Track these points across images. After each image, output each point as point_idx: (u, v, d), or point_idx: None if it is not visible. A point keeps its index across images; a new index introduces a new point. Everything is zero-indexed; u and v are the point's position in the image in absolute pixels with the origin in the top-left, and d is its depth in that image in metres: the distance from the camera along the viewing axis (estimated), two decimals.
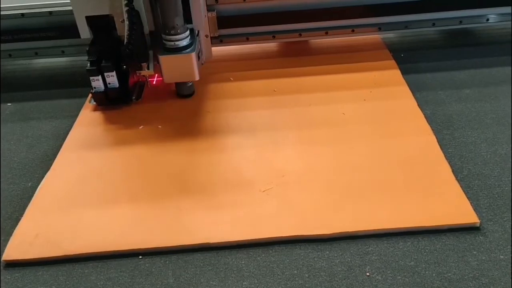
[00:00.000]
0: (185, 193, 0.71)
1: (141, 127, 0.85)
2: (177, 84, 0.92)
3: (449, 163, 0.72)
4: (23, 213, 0.69)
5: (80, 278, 0.61)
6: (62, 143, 0.83)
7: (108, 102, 0.89)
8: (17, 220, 0.68)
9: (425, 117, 0.82)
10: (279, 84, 0.94)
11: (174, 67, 0.85)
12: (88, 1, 0.82)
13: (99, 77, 0.85)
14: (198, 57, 0.87)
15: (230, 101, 0.91)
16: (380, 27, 1.01)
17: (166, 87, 0.94)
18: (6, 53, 1.01)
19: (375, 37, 1.08)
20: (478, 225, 0.63)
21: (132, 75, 0.90)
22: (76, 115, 0.90)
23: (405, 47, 1.07)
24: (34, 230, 0.66)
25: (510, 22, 1.01)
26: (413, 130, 0.79)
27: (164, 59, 0.83)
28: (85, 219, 0.67)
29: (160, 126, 0.85)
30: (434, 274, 0.58)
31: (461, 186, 0.68)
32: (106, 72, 0.84)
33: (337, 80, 0.94)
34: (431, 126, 0.79)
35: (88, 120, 0.89)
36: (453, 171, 0.70)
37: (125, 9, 0.79)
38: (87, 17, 0.84)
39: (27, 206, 0.70)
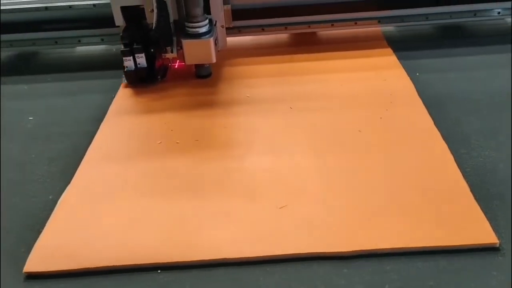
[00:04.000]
0: (204, 208, 0.71)
1: (159, 142, 0.87)
2: (196, 66, 1.06)
3: (467, 182, 0.72)
4: (44, 226, 0.70)
5: None
6: (82, 157, 0.84)
7: (137, 80, 1.03)
8: (38, 233, 0.69)
9: (442, 136, 0.82)
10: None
11: (194, 51, 1.00)
12: None
13: (131, 57, 1.00)
14: (215, 43, 1.02)
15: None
16: (379, 20, 1.15)
17: (186, 69, 1.08)
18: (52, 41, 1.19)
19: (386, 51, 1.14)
20: (497, 245, 0.62)
21: (158, 57, 1.04)
22: (96, 129, 0.92)
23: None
24: (55, 242, 0.67)
25: None
26: (429, 148, 0.79)
27: (186, 43, 0.99)
28: (105, 232, 0.68)
29: (178, 142, 0.86)
30: None
31: (480, 206, 0.68)
32: (137, 53, 0.99)
33: (353, 98, 0.95)
34: (447, 145, 0.79)
35: (110, 130, 0.92)
36: (471, 190, 0.70)
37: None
38: (121, 7, 0.98)
39: (48, 219, 0.71)
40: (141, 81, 1.04)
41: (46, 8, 1.13)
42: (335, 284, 0.60)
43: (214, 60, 1.02)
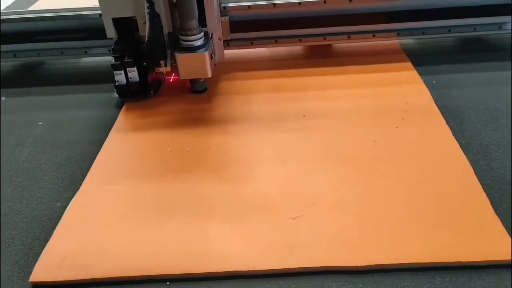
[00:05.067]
0: (215, 219, 0.69)
1: (169, 149, 0.85)
2: (191, 80, 1.01)
3: (487, 195, 0.69)
4: (51, 234, 0.69)
5: None
6: (91, 164, 0.83)
7: (129, 95, 0.98)
8: (45, 241, 0.68)
9: (460, 146, 0.79)
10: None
11: (189, 65, 0.95)
12: (114, 4, 0.92)
13: (122, 71, 0.95)
14: (211, 57, 0.97)
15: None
16: (399, 33, 1.09)
17: (182, 84, 1.03)
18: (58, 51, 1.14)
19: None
20: None
21: (151, 71, 0.99)
22: (104, 138, 0.90)
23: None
24: (62, 251, 0.66)
25: None
26: (448, 159, 0.77)
27: (180, 57, 0.93)
28: (114, 242, 0.67)
29: (189, 149, 0.85)
30: None
31: (501, 221, 0.65)
32: (128, 67, 0.95)
33: (367, 104, 0.93)
34: (466, 156, 0.77)
35: (117, 142, 0.89)
36: (491, 203, 0.68)
37: (147, 11, 0.87)
38: (113, 19, 0.94)
39: (55, 226, 0.70)
40: (133, 95, 0.99)
41: (52, 18, 1.10)
42: None
43: (209, 75, 0.96)
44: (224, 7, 1.04)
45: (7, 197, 0.78)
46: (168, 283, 0.61)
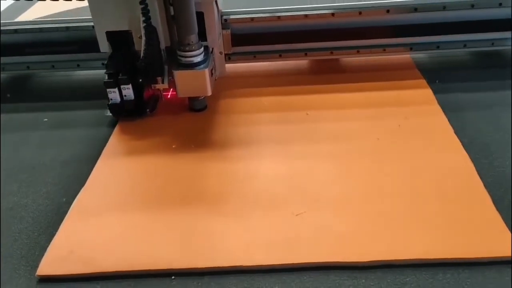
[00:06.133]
0: (218, 215, 0.70)
1: (174, 146, 0.86)
2: (190, 98, 0.95)
3: (489, 193, 0.70)
4: (57, 228, 0.70)
5: None
6: (96, 160, 0.84)
7: (123, 113, 0.92)
8: (51, 235, 0.69)
9: (463, 144, 0.80)
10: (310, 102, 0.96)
11: (188, 82, 0.88)
12: (108, 17, 0.86)
13: (116, 89, 0.89)
14: (212, 73, 0.91)
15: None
16: (411, 47, 1.03)
17: (180, 101, 0.97)
18: (48, 64, 1.08)
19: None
20: None
21: (147, 88, 0.93)
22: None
23: (436, 68, 1.07)
24: (68, 245, 0.66)
25: None
26: (450, 157, 0.78)
27: (178, 74, 0.87)
28: (119, 236, 0.67)
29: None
30: None
31: (502, 217, 0.66)
32: (123, 84, 0.88)
33: (370, 103, 0.94)
34: (468, 154, 0.78)
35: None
36: (493, 201, 0.68)
37: (142, 25, 0.82)
38: (107, 33, 0.88)
39: (61, 221, 0.71)
40: (128, 114, 0.92)
41: (40, 29, 1.03)
42: None
43: (209, 93, 0.89)
44: (225, 20, 0.99)
45: (13, 192, 0.79)
46: (173, 277, 0.62)
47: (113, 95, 0.89)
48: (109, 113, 0.93)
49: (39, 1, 1.01)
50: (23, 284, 0.63)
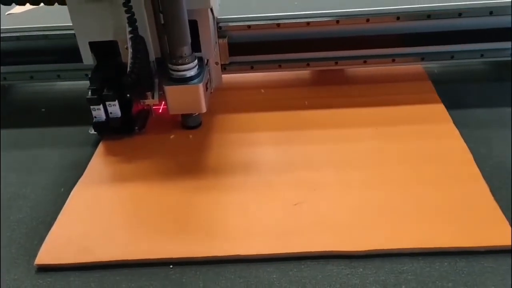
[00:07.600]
0: (217, 204, 0.71)
1: (172, 136, 0.85)
2: (183, 114, 0.87)
3: (487, 182, 0.70)
4: (55, 218, 0.70)
5: (111, 285, 0.60)
6: (95, 150, 0.84)
7: (109, 132, 0.84)
8: (50, 225, 0.69)
9: (461, 134, 0.80)
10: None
11: (180, 98, 0.80)
12: (91, 27, 0.77)
13: (101, 106, 0.80)
14: (206, 88, 0.82)
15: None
16: (423, 57, 0.94)
17: (172, 117, 0.88)
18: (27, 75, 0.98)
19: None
20: None
21: (135, 104, 0.84)
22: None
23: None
24: (67, 235, 0.66)
25: None
26: (449, 147, 0.78)
27: (169, 90, 0.79)
28: (118, 225, 0.68)
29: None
30: None
31: (499, 207, 0.66)
32: (108, 101, 0.79)
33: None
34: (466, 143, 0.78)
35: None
36: (491, 190, 0.69)
37: (129, 35, 0.74)
38: (90, 43, 0.79)
39: (59, 211, 0.71)
40: (115, 132, 0.84)
41: (17, 38, 0.93)
42: (350, 284, 0.58)
43: (204, 110, 0.81)
44: (220, 27, 0.90)
45: (12, 183, 0.79)
46: (171, 266, 0.62)
47: (98, 112, 0.80)
48: (93, 131, 0.84)
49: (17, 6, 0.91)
50: (22, 273, 0.63)
